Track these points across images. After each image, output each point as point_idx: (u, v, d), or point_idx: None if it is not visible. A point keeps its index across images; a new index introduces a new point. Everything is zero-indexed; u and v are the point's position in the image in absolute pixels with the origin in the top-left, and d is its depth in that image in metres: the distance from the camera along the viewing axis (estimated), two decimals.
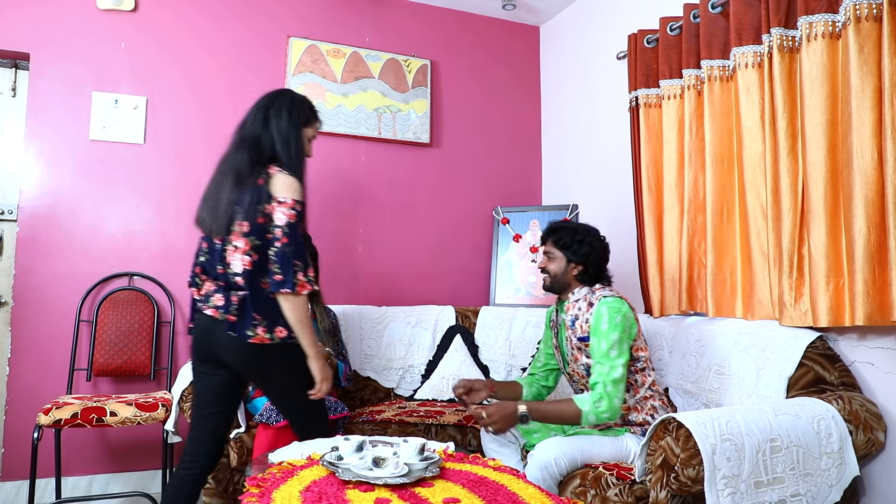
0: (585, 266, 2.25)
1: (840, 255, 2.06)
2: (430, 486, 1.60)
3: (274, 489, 1.56)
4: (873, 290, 1.92)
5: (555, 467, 1.97)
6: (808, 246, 2.13)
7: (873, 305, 1.92)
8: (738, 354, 2.24)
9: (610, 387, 2.02)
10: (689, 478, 1.62)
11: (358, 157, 3.60)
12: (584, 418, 2.03)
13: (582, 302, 2.23)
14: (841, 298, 2.05)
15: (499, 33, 4.02)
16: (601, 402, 2.02)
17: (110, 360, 2.98)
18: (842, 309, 2.04)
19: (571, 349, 2.24)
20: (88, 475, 3.03)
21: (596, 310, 2.13)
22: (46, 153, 3.05)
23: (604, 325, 2.08)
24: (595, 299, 2.18)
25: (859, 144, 1.95)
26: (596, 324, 2.11)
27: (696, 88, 2.64)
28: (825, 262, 2.07)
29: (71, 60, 3.10)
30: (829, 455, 1.78)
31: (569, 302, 2.29)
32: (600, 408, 2.01)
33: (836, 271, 2.06)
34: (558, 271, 2.28)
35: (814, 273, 2.09)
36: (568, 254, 2.25)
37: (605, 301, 2.13)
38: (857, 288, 1.94)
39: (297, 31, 3.50)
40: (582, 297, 2.24)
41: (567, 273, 2.27)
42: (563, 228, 2.30)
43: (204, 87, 3.33)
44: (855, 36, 1.96)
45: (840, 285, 2.05)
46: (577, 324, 2.21)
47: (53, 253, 3.02)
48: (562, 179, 3.85)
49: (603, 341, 2.07)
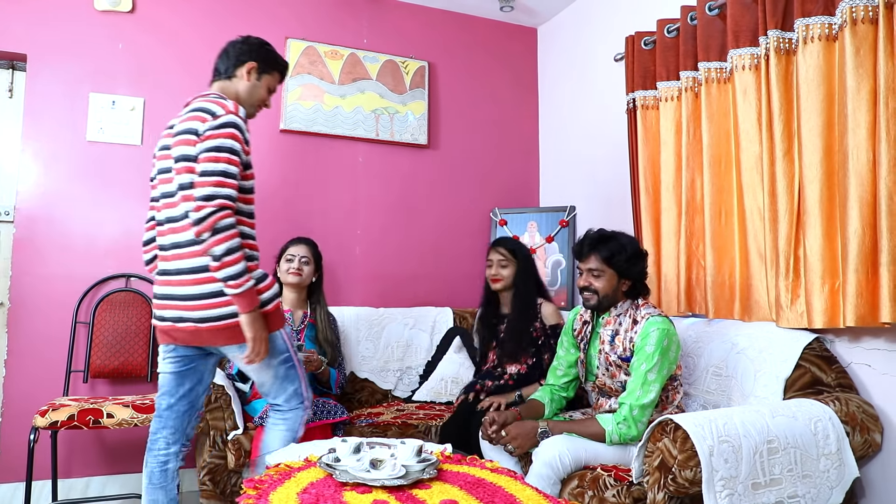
0: (635, 281, 2.18)
1: (836, 256, 2.07)
2: (427, 488, 1.60)
3: (271, 491, 1.55)
4: (866, 291, 1.92)
5: (559, 464, 1.96)
6: (803, 247, 2.13)
7: (865, 307, 1.93)
8: (736, 356, 2.24)
9: (637, 411, 1.99)
10: (686, 479, 1.62)
11: (356, 158, 3.60)
12: (607, 438, 2.01)
13: (624, 318, 2.16)
14: (836, 300, 2.05)
15: (496, 35, 4.02)
16: (625, 424, 1.99)
17: (107, 362, 2.97)
18: (836, 310, 2.04)
19: (607, 365, 2.19)
20: (85, 477, 3.02)
21: (644, 329, 2.07)
22: (43, 154, 3.04)
23: (649, 348, 2.03)
24: (640, 317, 2.11)
25: (855, 146, 1.95)
26: (641, 344, 2.05)
27: (694, 90, 2.65)
28: (820, 264, 2.07)
29: (68, 61, 3.09)
30: (826, 456, 1.79)
31: (609, 315, 2.21)
32: (623, 430, 1.99)
33: (832, 273, 2.07)
34: (609, 290, 2.17)
35: (809, 274, 2.10)
36: (619, 271, 2.16)
37: (654, 322, 2.06)
38: (849, 289, 1.94)
39: (294, 32, 3.50)
40: (624, 311, 2.17)
41: (618, 290, 2.19)
42: (611, 241, 2.18)
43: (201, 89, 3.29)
44: (851, 38, 1.96)
45: (835, 287, 2.05)
46: (617, 340, 2.15)
47: (50, 254, 3.01)
48: (559, 181, 3.86)
49: (644, 363, 2.02)
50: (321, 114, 3.49)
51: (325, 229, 3.49)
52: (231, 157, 1.85)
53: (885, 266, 1.85)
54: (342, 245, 3.54)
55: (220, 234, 1.79)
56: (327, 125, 3.49)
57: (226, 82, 2.11)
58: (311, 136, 3.50)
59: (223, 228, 1.79)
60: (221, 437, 2.44)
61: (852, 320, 1.93)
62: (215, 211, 1.79)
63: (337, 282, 3.47)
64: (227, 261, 1.80)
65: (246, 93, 2.10)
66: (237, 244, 1.82)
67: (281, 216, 3.41)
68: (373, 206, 3.63)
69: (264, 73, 2.12)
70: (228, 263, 1.80)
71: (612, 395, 2.20)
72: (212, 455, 2.41)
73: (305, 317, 2.80)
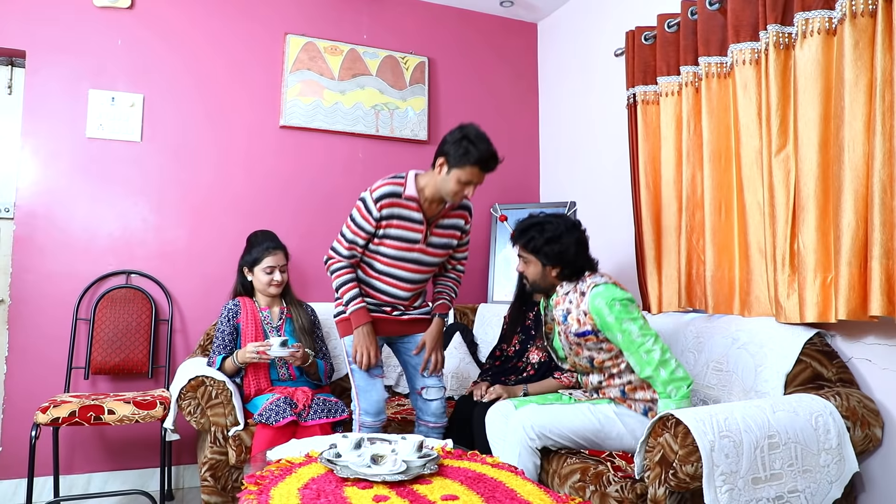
0: (562, 265, 2.15)
1: (829, 250, 2.06)
2: (428, 483, 1.60)
3: (272, 486, 1.56)
4: (858, 284, 1.92)
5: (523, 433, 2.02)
6: (799, 242, 2.13)
7: (857, 300, 1.92)
8: (737, 351, 2.24)
9: (664, 372, 1.96)
10: (687, 475, 1.62)
11: (356, 154, 3.60)
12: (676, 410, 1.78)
13: (572, 294, 2.16)
14: (828, 293, 2.05)
15: (496, 30, 4.02)
16: (672, 386, 1.95)
17: (108, 359, 2.98)
18: (829, 304, 2.04)
19: (570, 344, 2.21)
20: (87, 473, 3.02)
21: (591, 305, 2.06)
22: (43, 151, 3.04)
23: (609, 318, 2.02)
24: (586, 288, 2.10)
25: (851, 139, 1.95)
26: (601, 321, 2.05)
27: (694, 85, 2.64)
28: (814, 257, 2.07)
29: (67, 58, 3.09)
30: (827, 451, 1.79)
31: (557, 296, 2.21)
32: (676, 395, 1.95)
33: (825, 266, 2.06)
34: (536, 276, 2.19)
35: (802, 268, 2.10)
36: (541, 257, 2.15)
37: (596, 293, 2.05)
38: (841, 282, 1.94)
39: (294, 27, 3.50)
40: (571, 288, 2.17)
41: (546, 276, 2.18)
42: (532, 227, 2.17)
43: (201, 85, 3.32)
44: (851, 30, 1.96)
45: (827, 281, 2.05)
46: (570, 318, 2.15)
47: (50, 251, 3.02)
48: (560, 176, 3.85)
49: (619, 334, 2.02)
50: (321, 110, 3.48)
51: (325, 226, 3.49)
52: (348, 223, 2.40)
53: (877, 259, 1.85)
54: None
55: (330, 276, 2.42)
56: (327, 121, 3.49)
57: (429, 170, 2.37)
58: (310, 132, 3.50)
59: (330, 272, 2.42)
60: (223, 433, 2.44)
61: (844, 314, 1.93)
62: (326, 259, 2.45)
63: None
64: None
65: (439, 184, 2.30)
66: (339, 283, 2.38)
67: (280, 212, 3.41)
68: None
69: (454, 168, 2.24)
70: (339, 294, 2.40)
71: (591, 372, 2.21)
72: (213, 451, 2.42)
73: (283, 312, 2.81)
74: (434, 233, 2.39)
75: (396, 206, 2.31)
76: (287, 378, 2.68)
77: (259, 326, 2.72)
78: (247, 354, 2.53)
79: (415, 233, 2.34)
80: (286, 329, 2.77)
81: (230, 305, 2.74)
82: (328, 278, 2.45)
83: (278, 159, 3.44)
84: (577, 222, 2.21)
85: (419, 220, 2.34)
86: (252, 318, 2.72)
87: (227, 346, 2.66)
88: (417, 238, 2.35)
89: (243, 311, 2.73)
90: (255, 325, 2.71)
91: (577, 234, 2.17)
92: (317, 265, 3.45)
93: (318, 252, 3.47)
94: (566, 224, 2.17)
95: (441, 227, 2.41)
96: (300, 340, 2.73)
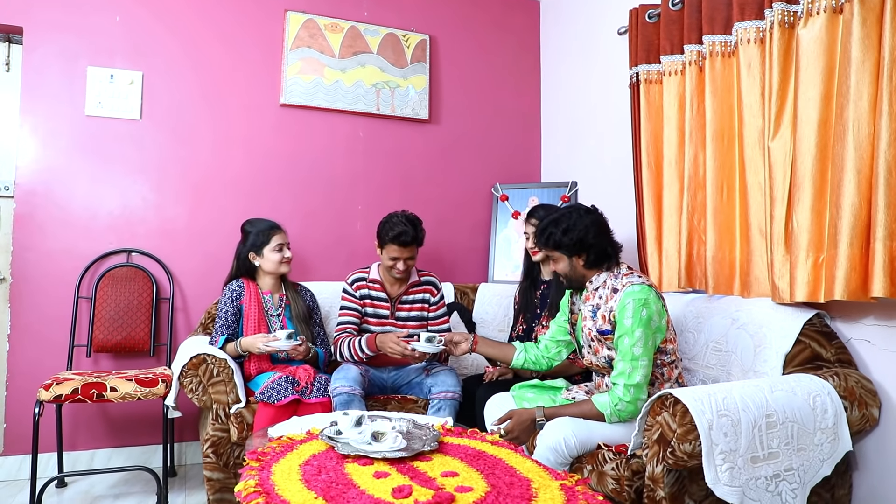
0: (587, 252, 2.12)
1: (822, 230, 2.04)
2: (428, 460, 1.62)
3: (274, 463, 1.57)
4: (859, 265, 1.91)
5: (564, 448, 1.92)
6: (793, 221, 2.12)
7: (857, 281, 1.91)
8: (736, 331, 2.25)
9: (633, 390, 1.96)
10: (685, 453, 1.63)
11: (356, 133, 3.58)
12: (607, 419, 1.99)
13: (603, 290, 2.11)
14: (818, 274, 2.03)
15: (499, 8, 3.97)
16: (622, 404, 1.96)
17: (110, 337, 2.99)
18: (818, 284, 2.03)
19: (590, 341, 2.16)
20: (90, 450, 3.06)
21: (620, 301, 2.01)
22: (42, 129, 3.02)
23: (627, 321, 1.98)
24: (620, 285, 2.05)
25: (856, 118, 1.93)
26: (620, 317, 2.00)
27: (698, 64, 2.62)
28: (807, 237, 2.05)
29: (65, 35, 3.06)
30: (823, 431, 1.80)
31: (588, 291, 2.17)
32: (621, 410, 1.96)
33: (817, 246, 2.05)
34: (567, 270, 2.16)
35: (794, 248, 2.09)
36: (564, 250, 2.13)
37: (630, 292, 2.00)
38: (840, 262, 1.93)
39: (294, 4, 3.46)
40: (602, 283, 2.12)
41: (575, 268, 2.15)
42: (548, 226, 2.15)
43: (200, 62, 3.29)
44: (860, 8, 1.93)
45: (819, 261, 2.04)
46: (598, 314, 2.10)
47: (51, 229, 3.02)
48: (561, 156, 3.84)
49: (626, 338, 1.98)
50: (321, 88, 3.46)
51: (326, 205, 3.48)
52: (339, 311, 2.82)
53: (881, 240, 1.84)
54: (343, 220, 3.53)
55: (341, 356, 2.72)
56: (327, 99, 3.47)
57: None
58: (311, 110, 3.48)
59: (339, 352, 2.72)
60: (224, 410, 2.46)
61: (843, 294, 1.92)
62: (332, 350, 2.78)
63: (338, 257, 3.47)
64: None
65: (383, 264, 2.81)
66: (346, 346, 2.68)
67: (281, 191, 3.41)
68: (373, 181, 3.62)
69: (382, 248, 2.74)
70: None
71: (604, 373, 2.18)
72: (215, 428, 2.44)
73: (282, 299, 2.82)
74: (399, 308, 2.81)
75: (366, 288, 2.80)
76: (287, 358, 2.69)
77: (261, 311, 2.73)
78: (257, 345, 2.55)
79: (383, 310, 2.79)
80: (286, 314, 2.80)
81: (234, 286, 2.74)
82: (329, 258, 2.46)
83: (278, 137, 3.42)
84: (591, 207, 2.19)
85: (384, 299, 2.80)
86: (255, 302, 2.73)
87: (229, 327, 2.67)
88: (385, 314, 2.79)
89: (247, 293, 2.74)
90: (258, 309, 2.72)
91: (592, 217, 2.14)
92: (318, 242, 3.45)
93: (319, 231, 3.48)
94: (580, 211, 2.15)
95: (406, 302, 2.81)
96: (296, 328, 2.76)
